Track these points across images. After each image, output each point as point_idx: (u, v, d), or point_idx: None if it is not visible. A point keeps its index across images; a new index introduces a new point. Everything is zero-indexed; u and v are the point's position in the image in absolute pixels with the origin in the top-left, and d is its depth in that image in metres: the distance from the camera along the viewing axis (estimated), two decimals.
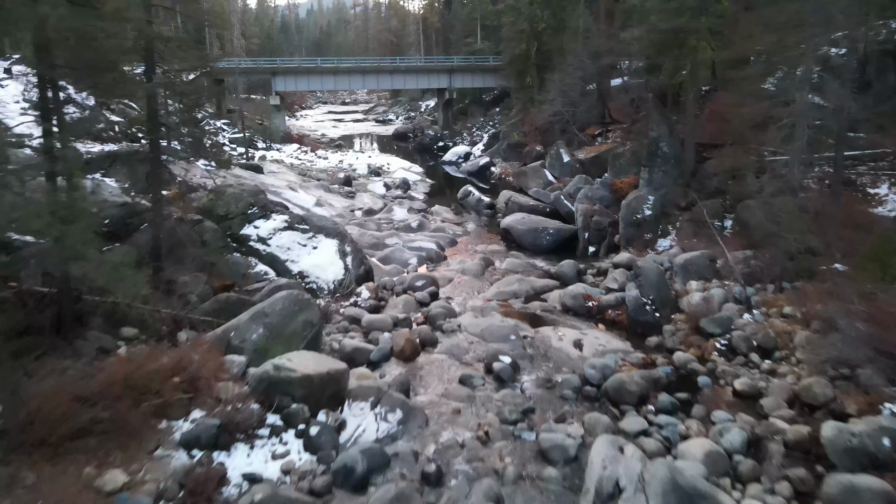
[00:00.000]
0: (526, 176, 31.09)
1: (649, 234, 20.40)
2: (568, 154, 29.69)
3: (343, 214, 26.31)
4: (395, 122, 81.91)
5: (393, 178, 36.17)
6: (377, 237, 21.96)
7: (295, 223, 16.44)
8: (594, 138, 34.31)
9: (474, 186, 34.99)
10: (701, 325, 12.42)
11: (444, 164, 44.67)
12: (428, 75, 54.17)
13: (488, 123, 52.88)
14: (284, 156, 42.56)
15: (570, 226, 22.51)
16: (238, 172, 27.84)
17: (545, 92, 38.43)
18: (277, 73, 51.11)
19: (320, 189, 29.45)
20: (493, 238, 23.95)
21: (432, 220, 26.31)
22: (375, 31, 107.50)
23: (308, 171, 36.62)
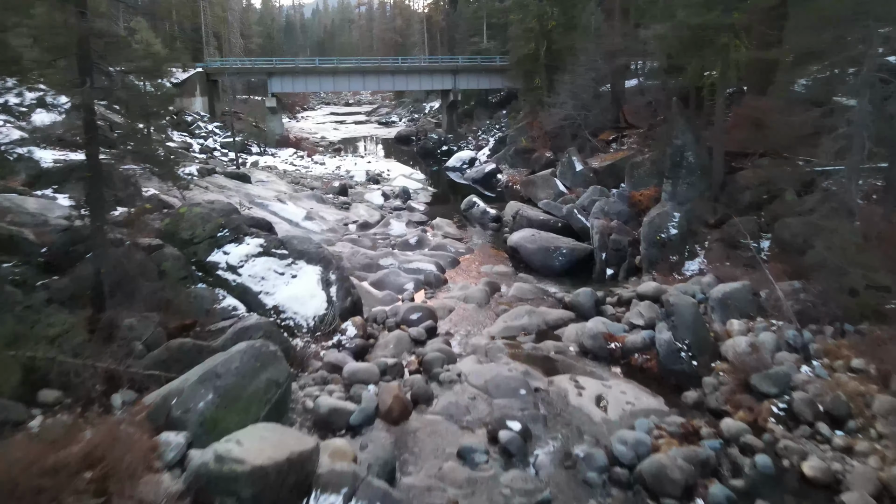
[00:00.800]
0: (535, 185, 29.01)
1: (675, 255, 18.29)
2: (580, 162, 27.61)
3: (335, 229, 24.31)
4: (398, 124, 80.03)
5: (392, 187, 34.16)
6: (370, 257, 19.93)
7: (272, 247, 14.42)
8: (608, 144, 32.22)
9: (479, 195, 32.94)
10: (752, 383, 10.30)
11: (448, 170, 42.65)
12: (431, 76, 52.17)
13: (494, 127, 50.83)
14: (279, 161, 40.64)
15: (585, 245, 20.42)
16: (222, 182, 25.90)
17: (555, 94, 36.37)
18: (274, 73, 49.23)
19: (312, 200, 27.46)
20: (500, 256, 21.90)
21: (433, 234, 24.27)
22: (380, 31, 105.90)
23: (302, 178, 34.67)
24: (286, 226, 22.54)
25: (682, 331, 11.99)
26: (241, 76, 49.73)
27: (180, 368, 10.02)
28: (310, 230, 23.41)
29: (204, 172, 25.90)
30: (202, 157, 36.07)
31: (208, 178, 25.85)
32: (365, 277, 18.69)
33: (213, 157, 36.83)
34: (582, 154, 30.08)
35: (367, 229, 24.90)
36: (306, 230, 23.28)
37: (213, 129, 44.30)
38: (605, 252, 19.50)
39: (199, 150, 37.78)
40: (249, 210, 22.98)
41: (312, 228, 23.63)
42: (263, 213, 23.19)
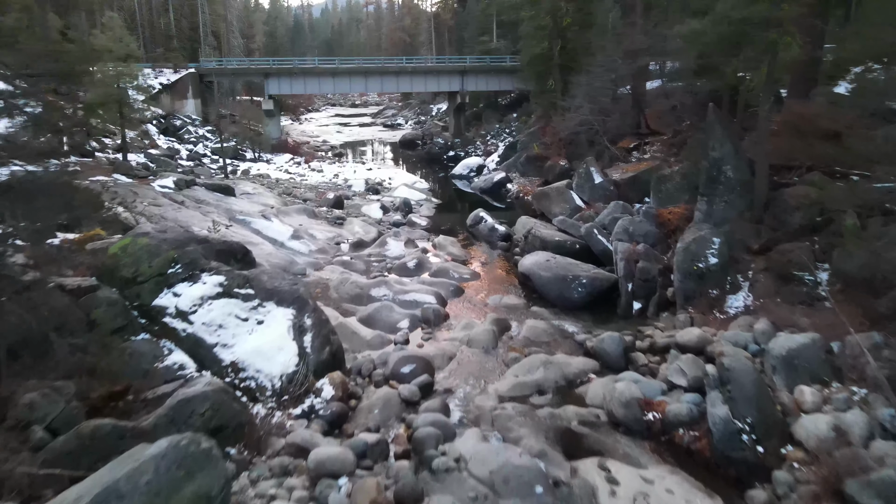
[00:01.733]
0: (548, 198, 26.56)
1: (715, 288, 15.78)
2: (599, 173, 25.14)
3: (325, 249, 21.98)
4: (403, 126, 77.82)
5: (393, 198, 31.82)
6: (361, 286, 17.55)
7: (234, 286, 12.07)
8: (628, 152, 29.74)
9: (487, 208, 30.52)
10: (846, 491, 7.82)
11: (454, 177, 40.27)
12: (438, 77, 49.90)
13: (504, 131, 48.44)
14: (273, 168, 38.41)
15: (608, 273, 17.93)
16: (202, 195, 23.63)
17: (570, 97, 33.94)
18: (271, 74, 47.09)
19: (303, 214, 25.14)
20: (510, 283, 19.47)
21: (434, 255, 21.89)
22: (388, 30, 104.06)
23: (296, 187, 32.39)
24: (268, 248, 20.23)
25: (741, 405, 9.51)
26: (236, 77, 47.65)
27: (92, 461, 7.73)
28: (296, 251, 21.09)
29: (182, 184, 23.64)
30: (189, 164, 33.89)
31: (186, 190, 23.61)
32: (353, 311, 16.34)
33: (200, 165, 34.63)
34: (600, 163, 27.61)
35: (361, 249, 22.55)
36: (292, 251, 20.98)
37: (205, 134, 42.18)
38: (631, 282, 17.02)
39: (187, 157, 35.60)
40: (228, 228, 20.70)
41: (299, 249, 21.31)
42: (244, 233, 20.91)
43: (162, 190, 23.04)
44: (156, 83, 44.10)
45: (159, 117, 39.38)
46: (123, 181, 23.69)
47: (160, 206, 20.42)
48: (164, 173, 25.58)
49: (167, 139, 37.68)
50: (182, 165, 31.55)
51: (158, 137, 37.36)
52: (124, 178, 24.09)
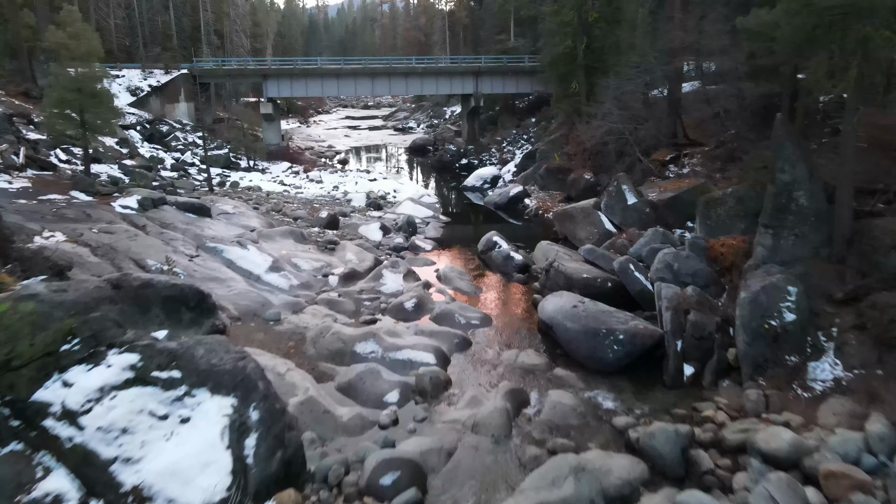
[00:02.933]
0: (573, 220, 23.32)
1: (793, 354, 12.47)
2: (633, 192, 21.84)
3: (310, 283, 18.92)
4: (415, 130, 75.02)
5: (396, 215, 28.75)
6: (345, 339, 14.42)
7: (153, 368, 8.96)
8: (664, 166, 26.41)
9: (502, 225, 27.41)
10: None
11: (466, 189, 37.14)
12: (450, 79, 46.83)
13: (521, 137, 45.25)
14: (267, 179, 35.54)
15: (650, 324, 14.62)
16: (170, 217, 20.71)
17: (596, 102, 30.75)
18: (269, 75, 44.29)
19: (289, 238, 22.14)
20: (528, 331, 16.25)
21: (438, 292, 18.75)
22: (403, 30, 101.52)
23: (288, 203, 29.43)
24: (239, 284, 17.21)
25: None
26: (232, 79, 44.96)
27: None
28: (273, 288, 18.06)
29: (147, 204, 20.72)
30: (171, 176, 31.07)
31: (152, 211, 20.69)
32: (332, 374, 13.27)
33: (185, 176, 31.82)
34: (631, 176, 24.30)
35: (352, 283, 19.46)
36: (268, 288, 17.95)
37: (196, 141, 39.40)
38: (680, 340, 13.72)
39: (171, 167, 32.80)
40: (193, 260, 17.73)
41: (278, 285, 18.27)
42: (212, 266, 17.92)
43: (122, 211, 20.14)
44: (144, 85, 41.50)
45: (144, 122, 36.68)
46: (81, 200, 20.84)
47: (113, 232, 17.47)
48: (132, 189, 22.70)
49: (151, 147, 34.95)
50: (162, 178, 28.70)
51: (141, 145, 34.64)
52: (83, 196, 21.24)
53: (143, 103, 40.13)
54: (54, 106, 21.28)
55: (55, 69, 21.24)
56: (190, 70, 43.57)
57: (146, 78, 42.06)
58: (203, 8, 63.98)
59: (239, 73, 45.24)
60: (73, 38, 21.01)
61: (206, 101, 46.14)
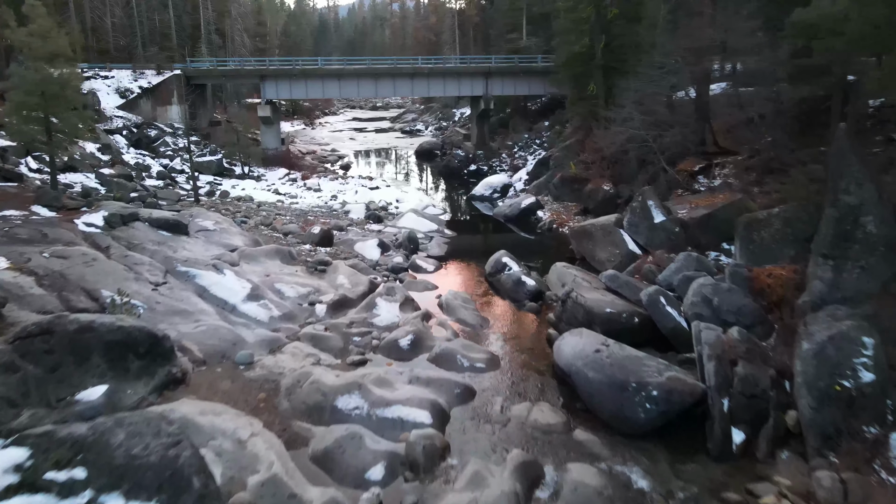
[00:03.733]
0: (591, 238, 21.09)
1: (873, 423, 10.19)
2: (660, 209, 19.58)
3: (293, 314, 16.81)
4: (423, 133, 72.95)
5: (398, 229, 26.62)
6: (325, 390, 12.26)
7: (48, 467, 6.87)
8: (692, 177, 24.11)
9: (513, 240, 25.24)
10: None
11: (475, 199, 34.98)
12: (458, 80, 44.67)
13: (534, 142, 43.03)
14: (260, 188, 33.53)
15: (690, 379, 12.34)
16: (141, 235, 18.70)
17: (615, 106, 28.50)
18: (267, 76, 42.31)
19: (275, 259, 20.09)
20: (542, 377, 14.04)
21: (439, 325, 16.58)
22: (413, 29, 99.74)
23: (280, 215, 27.38)
24: (209, 318, 15.13)
25: None
26: (228, 80, 43.07)
27: None
28: (250, 320, 15.98)
29: (115, 221, 18.71)
30: (156, 185, 29.11)
31: (121, 229, 18.68)
32: (307, 437, 11.14)
33: (171, 185, 29.84)
34: (655, 188, 22.04)
35: (342, 312, 17.34)
36: (244, 321, 15.87)
37: (187, 146, 37.44)
38: (727, 398, 11.45)
39: (157, 175, 30.85)
40: (157, 289, 15.67)
41: (256, 316, 16.18)
42: (180, 296, 15.85)
43: (86, 229, 18.14)
44: (134, 87, 39.65)
45: (131, 127, 34.78)
46: (42, 216, 18.88)
47: (67, 257, 15.43)
48: (104, 203, 20.71)
49: (137, 153, 33.05)
50: (144, 187, 26.73)
51: (127, 151, 32.74)
52: (45, 212, 19.29)
53: (132, 106, 38.31)
54: (15, 110, 19.34)
55: (15, 69, 19.32)
56: (183, 71, 41.70)
57: (137, 79, 40.23)
58: (204, 6, 62.29)
59: (235, 74, 43.32)
60: (36, 35, 19.05)
61: (201, 103, 44.28)
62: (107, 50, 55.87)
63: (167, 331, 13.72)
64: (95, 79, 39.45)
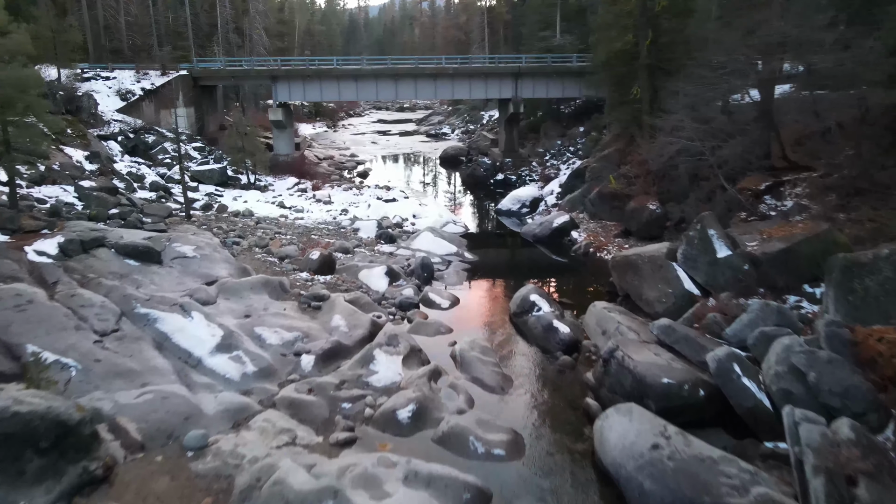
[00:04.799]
0: (637, 272, 17.82)
1: None
2: (725, 241, 16.22)
3: (273, 368, 13.94)
4: (449, 136, 70.07)
5: (411, 252, 23.69)
6: (290, 498, 9.30)
7: None
8: (757, 197, 20.75)
9: (543, 264, 22.18)
10: None
11: (502, 213, 31.91)
12: (486, 81, 41.57)
13: (567, 150, 39.75)
14: (265, 200, 30.91)
15: (783, 488, 9.11)
16: (99, 267, 16.05)
17: (662, 112, 25.16)
18: (279, 77, 39.74)
19: (262, 291, 17.28)
20: (582, 474, 10.90)
21: (450, 387, 13.54)
22: (442, 28, 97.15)
23: (280, 233, 24.61)
24: (163, 381, 12.30)
25: None
26: (236, 81, 40.65)
27: None
28: (215, 378, 13.16)
29: (73, 249, 16.10)
30: (146, 197, 26.60)
31: (79, 258, 16.06)
32: None
33: (165, 199, 27.31)
34: (709, 208, 18.70)
35: (333, 364, 14.43)
36: (209, 380, 13.06)
37: (189, 152, 35.09)
38: None
39: (150, 186, 28.36)
40: (103, 339, 12.92)
41: (225, 373, 13.35)
42: (131, 347, 13.07)
43: (36, 259, 15.54)
44: (137, 88, 37.41)
45: (128, 132, 32.43)
46: None
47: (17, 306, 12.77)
48: (71, 224, 18.14)
49: (132, 161, 30.66)
50: (130, 202, 24.15)
51: (121, 159, 30.38)
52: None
53: (133, 109, 36.07)
54: None
55: None
56: (190, 71, 39.39)
57: (139, 80, 38.02)
58: (221, 4, 60.24)
59: (245, 75, 40.85)
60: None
61: (210, 106, 41.95)
62: (119, 49, 54.18)
63: (100, 403, 10.98)
64: (96, 80, 37.34)
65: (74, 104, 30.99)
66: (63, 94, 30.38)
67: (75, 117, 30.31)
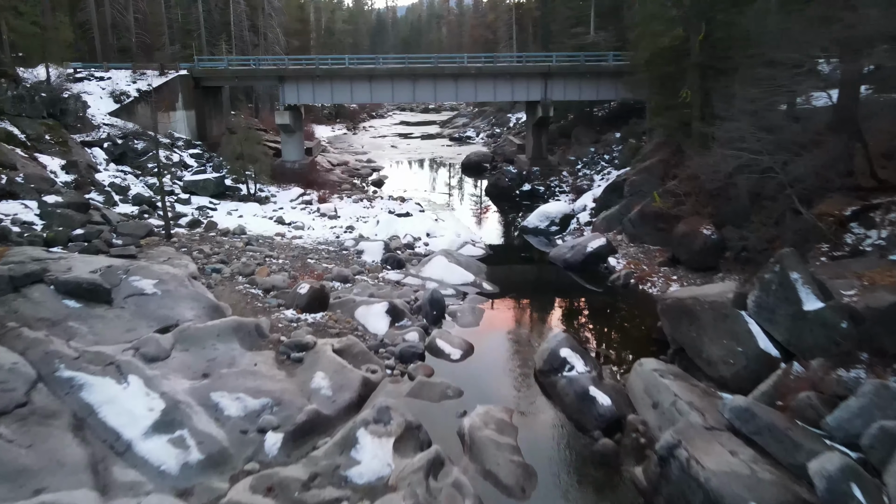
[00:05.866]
0: (696, 322, 14.40)
1: None
2: (812, 287, 12.75)
3: (226, 453, 10.90)
4: (474, 140, 66.94)
5: (420, 281, 20.62)
6: None
7: None
8: (841, 226, 17.16)
9: (576, 314, 18.99)
10: None
11: (527, 231, 28.64)
12: (512, 82, 38.30)
13: (601, 158, 36.34)
14: (262, 214, 28.12)
15: None
16: (27, 312, 13.20)
17: (715, 119, 21.74)
18: (286, 78, 36.96)
19: (232, 339, 14.27)
20: None
21: (453, 485, 10.35)
22: (470, 27, 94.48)
23: (271, 256, 21.67)
24: (67, 483, 9.34)
25: None
26: (241, 81, 37.99)
27: None
28: (148, 472, 10.16)
29: (2, 285, 13.31)
30: (128, 212, 23.90)
31: (6, 297, 13.25)
32: None
33: (148, 213, 24.56)
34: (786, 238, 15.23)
35: (307, 443, 11.39)
36: (137, 474, 10.06)
37: (185, 160, 32.44)
38: None
39: (134, 199, 25.67)
40: (5, 418, 10.01)
41: (159, 464, 10.34)
42: (35, 431, 10.15)
43: None
44: (132, 89, 34.90)
45: (116, 138, 29.84)
46: None
47: None
48: (11, 252, 15.40)
49: (118, 170, 28.03)
50: (104, 220, 21.41)
51: (105, 167, 27.78)
52: None
53: (128, 112, 33.56)
54: None
55: None
56: (190, 71, 36.81)
57: (135, 80, 35.52)
58: (235, 0, 57.93)
59: (250, 75, 38.14)
60: None
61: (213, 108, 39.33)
62: (128, 48, 52.09)
63: None
64: (89, 80, 34.92)
65: (58, 107, 28.48)
66: (45, 97, 27.87)
67: (57, 121, 27.78)
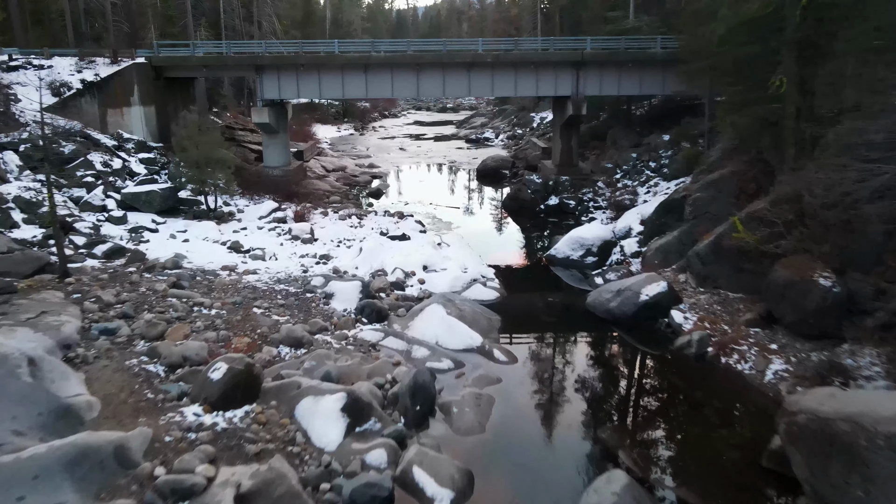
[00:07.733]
0: (857, 465, 8.43)
1: None
2: None
3: None
4: (492, 142, 61.12)
5: (406, 346, 14.84)
6: None
7: None
8: None
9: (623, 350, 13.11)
10: None
11: (556, 262, 22.73)
12: (536, 73, 32.31)
13: (647, 165, 30.28)
14: (213, 238, 22.54)
15: None
16: None
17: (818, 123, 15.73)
18: (264, 67, 31.35)
19: (60, 486, 8.57)
20: None
21: None
22: (492, 22, 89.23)
23: (201, 305, 15.99)
24: None
25: None
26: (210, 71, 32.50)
27: None
28: None
29: None
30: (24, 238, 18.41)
31: None
32: None
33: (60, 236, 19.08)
34: None
35: None
36: None
37: (131, 167, 26.98)
38: None
39: (42, 219, 20.17)
40: None
41: None
42: None
43: None
44: (75, 80, 29.52)
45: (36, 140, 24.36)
46: None
47: None
48: None
49: (35, 180, 22.58)
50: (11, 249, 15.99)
51: (18, 176, 22.39)
52: None
53: (69, 107, 28.24)
54: None
55: None
56: (150, 59, 31.37)
57: (81, 70, 30.20)
58: None
59: (220, 65, 32.53)
60: None
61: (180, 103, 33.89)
62: (100, 36, 47.16)
63: None
64: (25, 69, 29.67)
65: None
66: None
67: None
